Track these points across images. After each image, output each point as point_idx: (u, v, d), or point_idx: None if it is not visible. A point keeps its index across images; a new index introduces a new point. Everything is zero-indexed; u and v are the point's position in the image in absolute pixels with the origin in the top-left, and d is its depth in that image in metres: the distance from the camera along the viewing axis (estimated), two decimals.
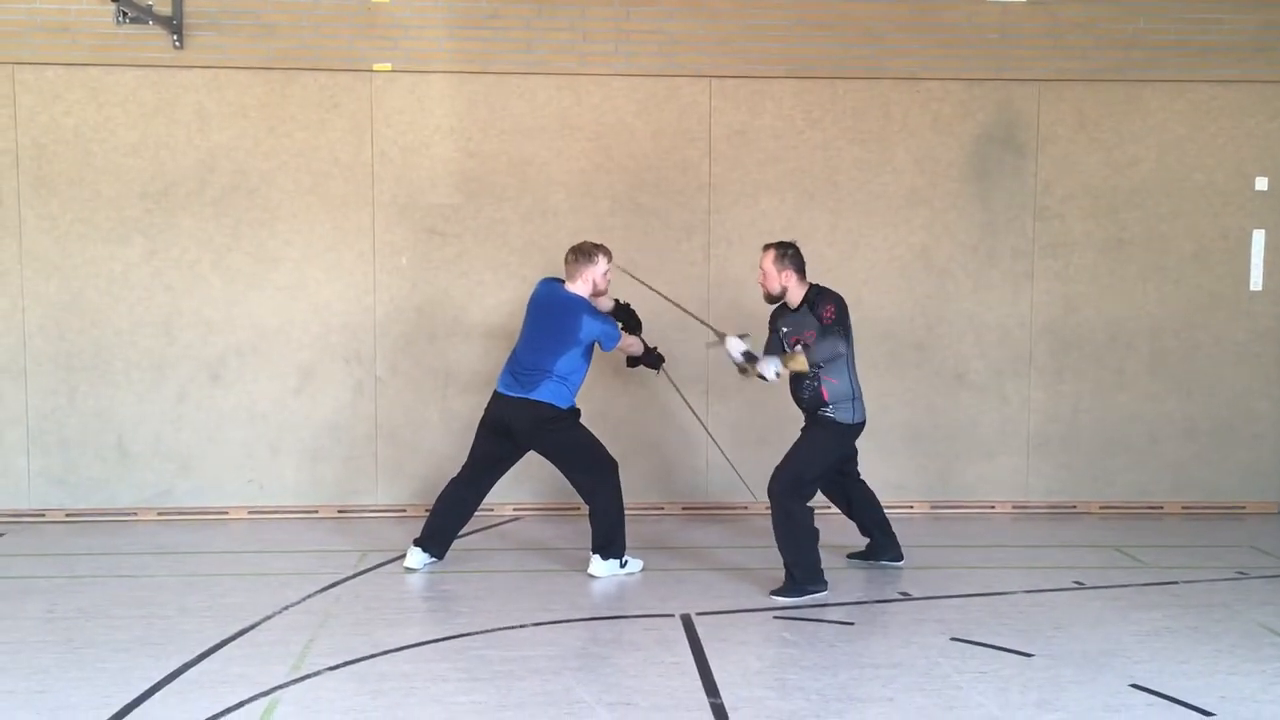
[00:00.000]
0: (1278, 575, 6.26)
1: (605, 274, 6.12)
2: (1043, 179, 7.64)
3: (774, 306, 6.06)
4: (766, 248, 5.92)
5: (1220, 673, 4.76)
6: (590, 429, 6.19)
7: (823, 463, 5.89)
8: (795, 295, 5.87)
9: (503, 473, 6.34)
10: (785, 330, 5.95)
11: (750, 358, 5.86)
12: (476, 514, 6.58)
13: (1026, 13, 7.53)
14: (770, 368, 5.73)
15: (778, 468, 5.85)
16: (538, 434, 6.03)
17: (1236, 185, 7.68)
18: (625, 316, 6.45)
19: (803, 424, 6.04)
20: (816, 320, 5.74)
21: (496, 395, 6.11)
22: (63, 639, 5.09)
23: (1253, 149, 7.67)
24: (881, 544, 6.38)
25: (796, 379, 5.87)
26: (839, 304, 5.76)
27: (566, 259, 6.12)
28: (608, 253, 6.16)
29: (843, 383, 5.82)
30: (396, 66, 7.36)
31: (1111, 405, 7.75)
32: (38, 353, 7.28)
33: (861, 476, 6.36)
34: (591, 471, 6.09)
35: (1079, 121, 7.62)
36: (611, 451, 6.96)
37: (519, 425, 6.01)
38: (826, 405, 5.82)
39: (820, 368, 5.76)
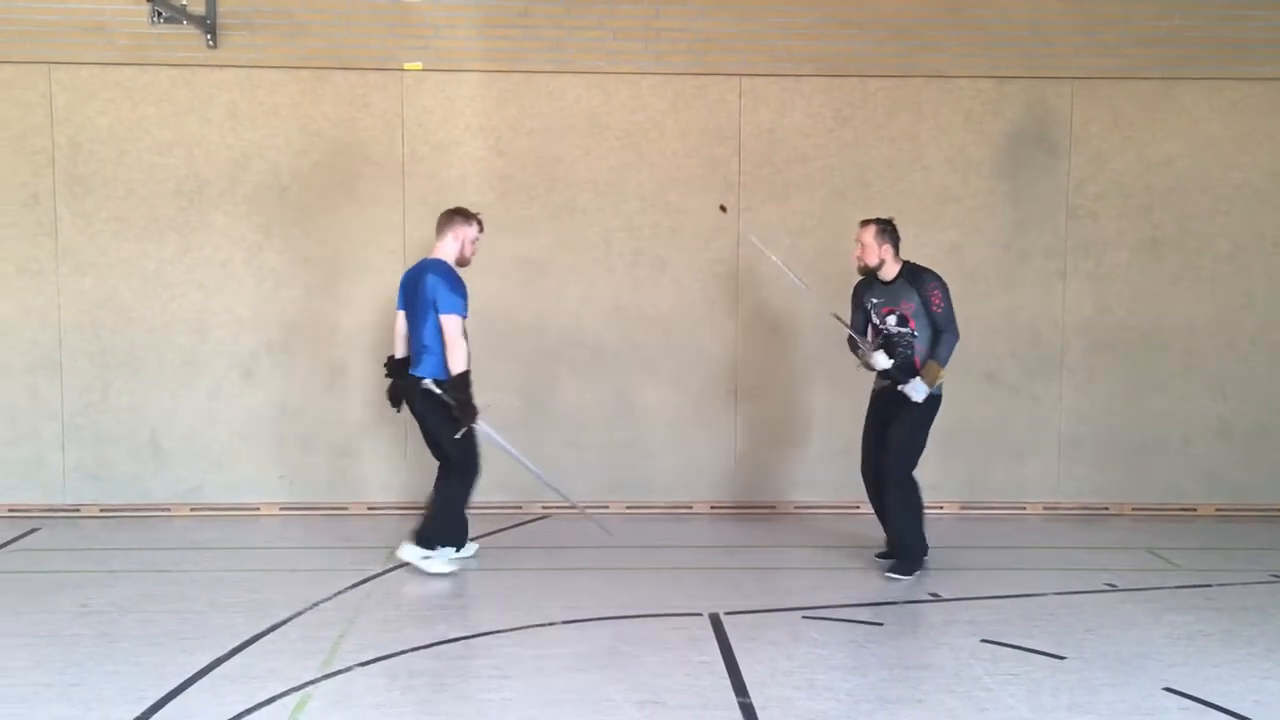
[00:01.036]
0: None
1: (474, 240, 6.08)
2: (1075, 177, 7.58)
3: (859, 280, 6.33)
4: (865, 223, 6.16)
5: (1255, 676, 4.71)
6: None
7: (924, 434, 6.19)
8: (890, 269, 6.14)
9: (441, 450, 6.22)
10: (876, 301, 6.20)
11: (886, 369, 6.14)
12: (505, 512, 6.59)
13: (1059, 9, 7.47)
14: (921, 388, 6.04)
15: (885, 454, 6.14)
16: (423, 406, 6.03)
17: (1273, 184, 7.59)
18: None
19: (873, 396, 6.29)
20: (922, 302, 6.05)
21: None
22: (97, 633, 5.14)
23: None
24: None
25: (890, 346, 6.13)
26: (945, 289, 6.08)
27: (439, 218, 6.10)
28: (481, 223, 6.13)
29: (927, 352, 6.12)
30: (427, 65, 7.39)
31: (1145, 406, 7.68)
32: (73, 349, 7.36)
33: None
34: (456, 458, 6.05)
35: (1112, 119, 7.56)
36: (639, 450, 6.96)
37: (410, 401, 6.09)
38: (916, 373, 6.08)
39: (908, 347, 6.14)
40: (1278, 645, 5.09)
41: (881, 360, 6.08)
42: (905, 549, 6.17)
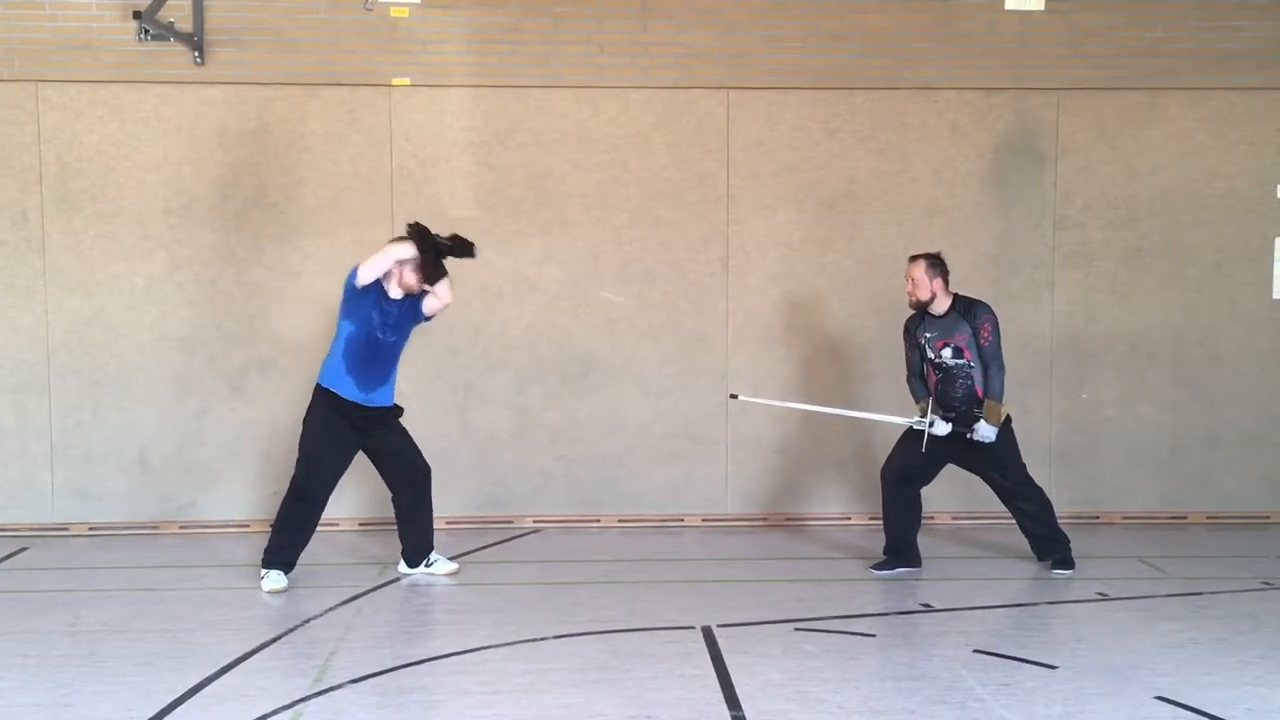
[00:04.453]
0: None
1: (414, 269, 5.93)
2: (1062, 188, 7.62)
3: (910, 315, 6.40)
4: (915, 258, 6.26)
5: (1247, 684, 4.72)
6: (318, 425, 6.03)
7: (1016, 446, 6.37)
8: (942, 303, 6.24)
9: (379, 466, 6.32)
10: (930, 336, 6.27)
11: (951, 424, 6.25)
12: (497, 527, 6.57)
13: (1045, 21, 7.51)
14: (989, 432, 6.19)
15: (1001, 477, 6.35)
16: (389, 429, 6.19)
17: (1258, 193, 7.63)
18: (419, 237, 5.96)
19: (916, 427, 6.32)
20: (973, 332, 6.17)
21: None
22: (85, 652, 5.12)
23: (1274, 156, 7.61)
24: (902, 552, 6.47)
25: (949, 380, 6.23)
26: (996, 322, 6.22)
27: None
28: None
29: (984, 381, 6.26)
30: (415, 81, 7.40)
31: (1134, 415, 7.70)
32: (61, 367, 7.33)
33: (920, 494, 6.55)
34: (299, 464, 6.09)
35: (1098, 130, 7.59)
36: (631, 463, 6.94)
37: (374, 430, 6.19)
38: (980, 404, 6.20)
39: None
40: (1269, 653, 5.10)
41: (942, 428, 6.20)
42: (1056, 544, 6.41)
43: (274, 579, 6.08)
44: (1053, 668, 4.90)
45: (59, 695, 4.60)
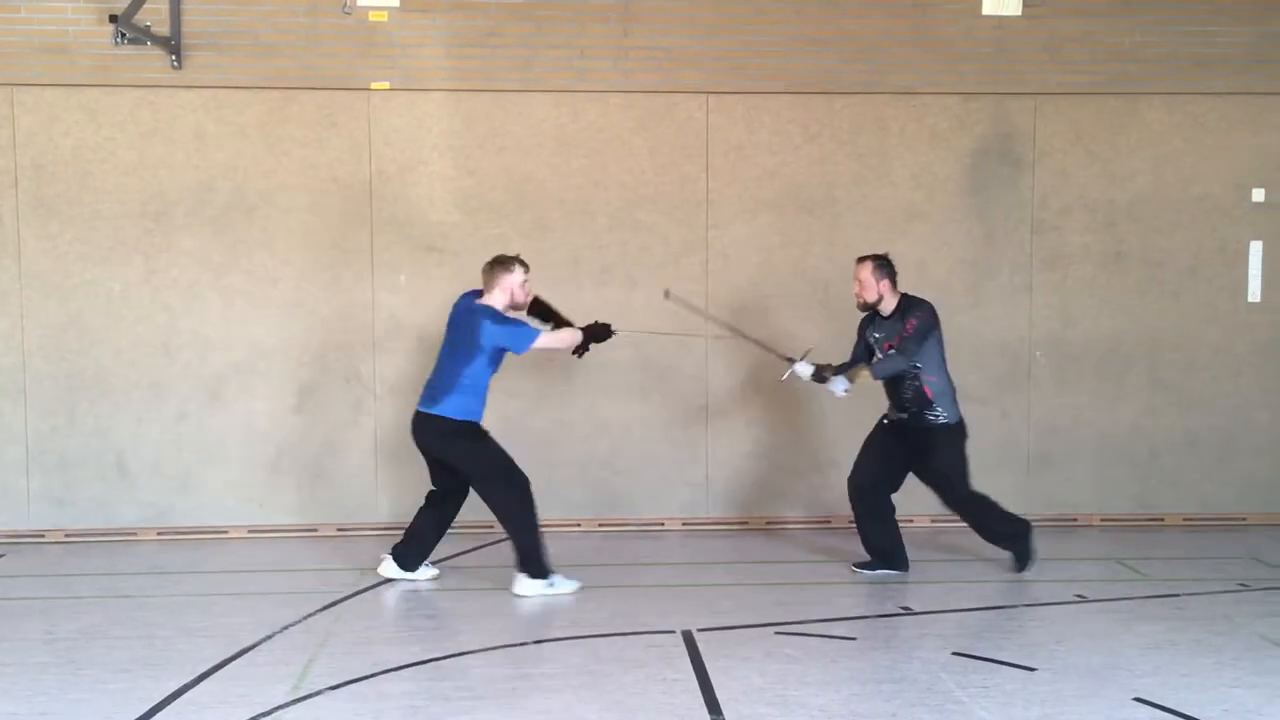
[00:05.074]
0: (1279, 587, 6.26)
1: (523, 284, 6.04)
2: (1040, 192, 7.66)
3: (863, 315, 6.41)
4: (862, 260, 6.28)
5: (1223, 685, 4.75)
6: (502, 445, 6.08)
7: (965, 460, 6.30)
8: (889, 303, 6.24)
9: (455, 484, 6.24)
10: (878, 336, 6.29)
11: (820, 378, 6.20)
12: (477, 532, 6.55)
13: (1023, 27, 7.55)
14: (839, 386, 6.17)
15: (947, 485, 6.33)
16: (447, 448, 6.04)
17: (1233, 197, 7.70)
18: (542, 312, 6.31)
19: (883, 422, 6.36)
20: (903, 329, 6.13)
21: (415, 412, 6.11)
22: (63, 660, 5.08)
23: (1249, 161, 7.68)
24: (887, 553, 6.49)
25: (898, 381, 6.20)
26: (923, 317, 6.12)
27: (483, 271, 6.08)
28: (524, 264, 6.09)
29: (940, 380, 6.20)
30: (394, 85, 7.38)
31: (1111, 418, 7.74)
32: (37, 373, 7.27)
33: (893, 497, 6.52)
34: (497, 487, 6.03)
35: (1076, 135, 7.64)
36: (612, 467, 6.93)
37: (425, 440, 6.06)
38: (931, 404, 6.17)
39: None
40: (1246, 654, 5.13)
41: (840, 387, 6.16)
42: (1011, 543, 6.38)
43: (565, 582, 6.08)
44: (1031, 670, 4.92)
45: (36, 704, 4.56)
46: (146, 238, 7.29)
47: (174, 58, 7.21)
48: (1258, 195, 7.68)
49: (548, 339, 6.05)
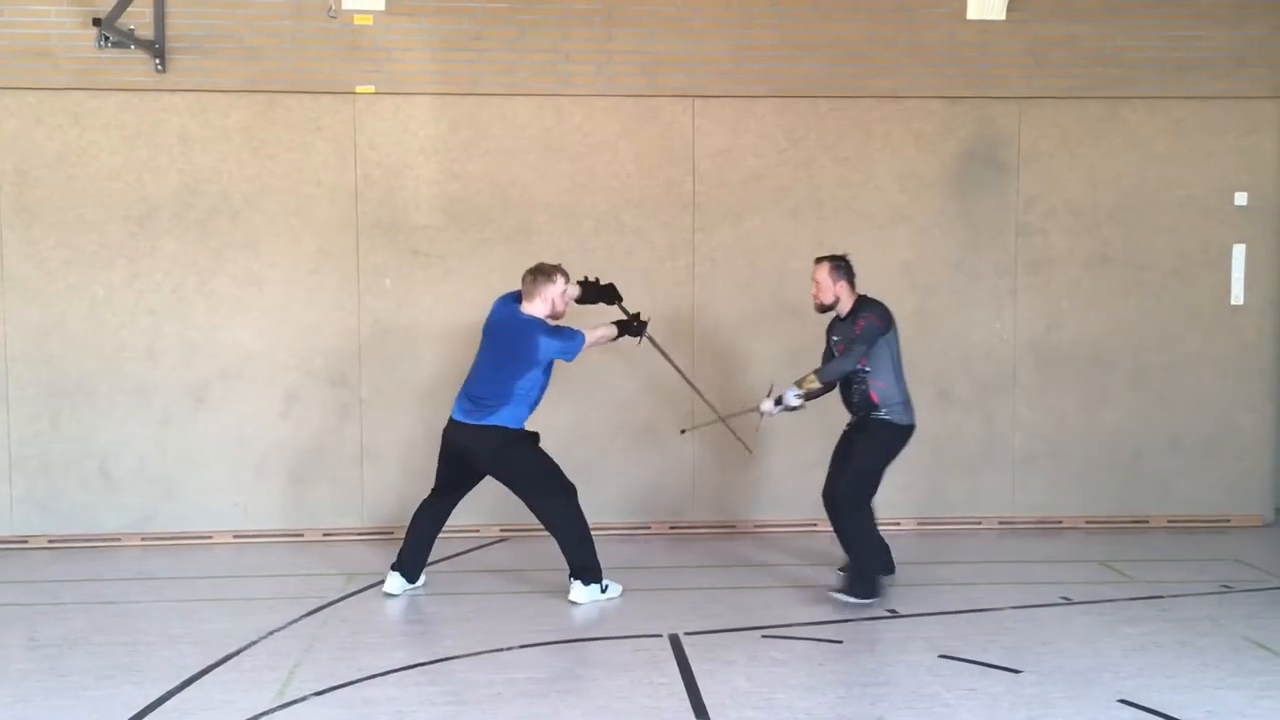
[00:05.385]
0: (1263, 589, 6.28)
1: (564, 294, 6.05)
2: (1024, 196, 7.69)
3: (829, 317, 6.30)
4: (819, 260, 6.16)
5: (1207, 687, 4.77)
6: (549, 453, 6.07)
7: (884, 462, 6.08)
8: (846, 305, 6.12)
9: (463, 495, 6.26)
10: (835, 339, 6.19)
11: (780, 402, 6.12)
12: (464, 536, 6.54)
13: (1006, 31, 7.58)
14: (791, 397, 6.06)
15: (838, 475, 6.10)
16: (498, 460, 5.94)
17: (1216, 200, 7.73)
18: (598, 294, 6.37)
19: (845, 429, 6.25)
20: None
21: (453, 422, 6.01)
22: (45, 667, 5.04)
23: (1232, 164, 7.72)
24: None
25: (847, 384, 6.08)
26: (871, 319, 5.96)
27: (524, 279, 6.05)
28: (565, 273, 6.10)
29: (890, 386, 6.01)
30: (380, 89, 7.37)
31: (1096, 420, 7.77)
32: (20, 378, 7.23)
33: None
34: (550, 497, 6.00)
35: (1060, 138, 7.67)
36: (597, 471, 6.90)
37: (479, 453, 5.94)
38: (877, 408, 6.01)
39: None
40: (1230, 655, 5.16)
41: (792, 397, 6.05)
42: (859, 565, 6.04)
43: (614, 587, 6.10)
44: (1017, 672, 4.93)
45: (18, 710, 4.53)
46: (130, 242, 7.26)
47: (158, 61, 7.19)
48: (1240, 198, 7.72)
49: (591, 336, 6.09)
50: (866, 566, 6.00)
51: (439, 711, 4.51)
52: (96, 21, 6.99)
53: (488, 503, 7.03)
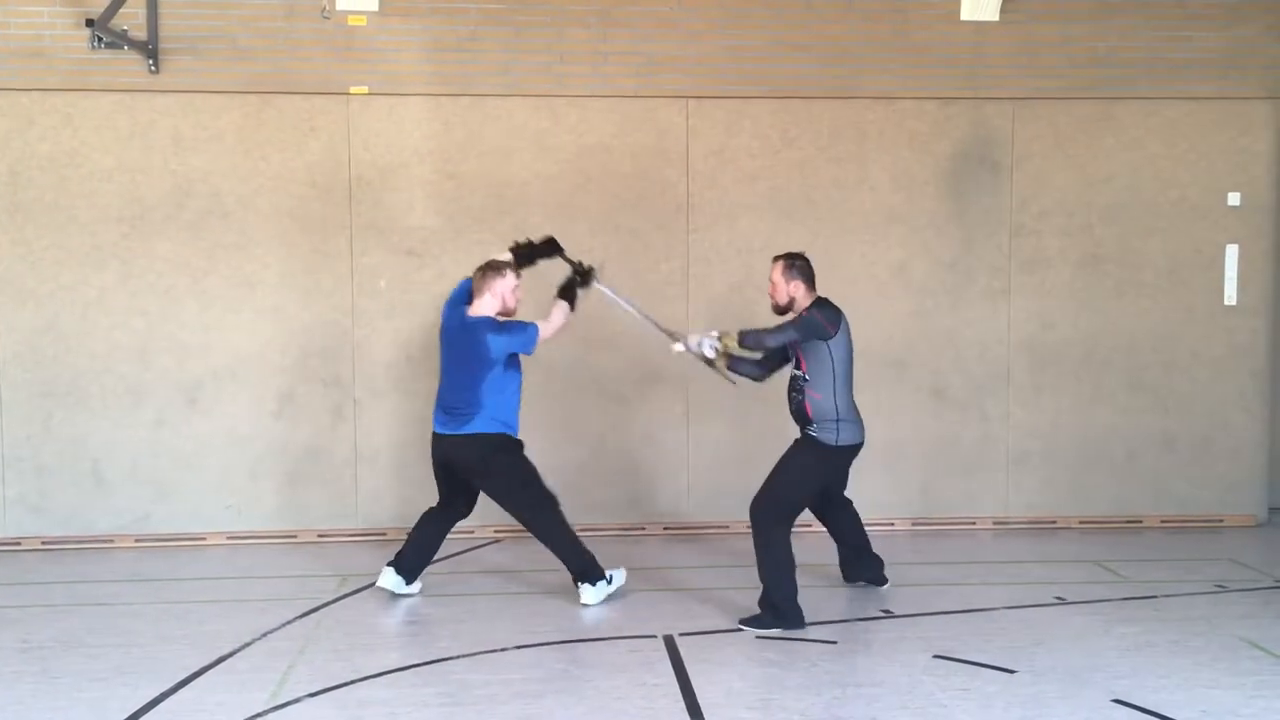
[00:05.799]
0: (1256, 588, 6.29)
1: (514, 289, 5.98)
2: (1018, 196, 7.70)
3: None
4: (776, 259, 5.86)
5: (1201, 686, 4.78)
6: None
7: (803, 485, 5.71)
8: (802, 306, 5.75)
9: (466, 505, 6.18)
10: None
11: (698, 344, 5.86)
12: (459, 537, 6.52)
13: (1000, 32, 7.59)
14: (706, 346, 5.76)
15: (760, 489, 5.75)
16: (481, 469, 5.90)
17: (1210, 201, 7.75)
18: (539, 252, 6.23)
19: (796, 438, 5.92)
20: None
21: (435, 435, 5.96)
22: (38, 669, 5.03)
23: (1225, 165, 7.74)
24: (859, 562, 6.25)
25: (790, 387, 5.79)
26: (813, 314, 5.61)
27: (474, 275, 6.00)
28: (517, 269, 6.03)
29: (827, 400, 5.61)
30: (373, 89, 7.36)
31: (1090, 420, 7.78)
32: (12, 379, 7.21)
33: (849, 497, 6.21)
34: (535, 511, 5.97)
35: (1053, 139, 7.68)
36: (592, 472, 6.87)
37: (463, 463, 5.90)
38: (810, 423, 5.67)
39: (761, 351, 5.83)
40: (1223, 655, 5.16)
41: (708, 344, 5.75)
42: (764, 599, 5.61)
43: (618, 575, 6.10)
44: (1011, 672, 4.93)
45: (11, 713, 4.52)
46: (123, 242, 7.24)
47: (151, 62, 7.18)
48: (1233, 199, 7.74)
49: (546, 328, 5.99)
50: (773, 594, 5.57)
51: (434, 713, 4.50)
52: (89, 22, 7.00)
53: (482, 503, 7.01)
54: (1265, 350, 7.83)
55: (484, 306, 5.92)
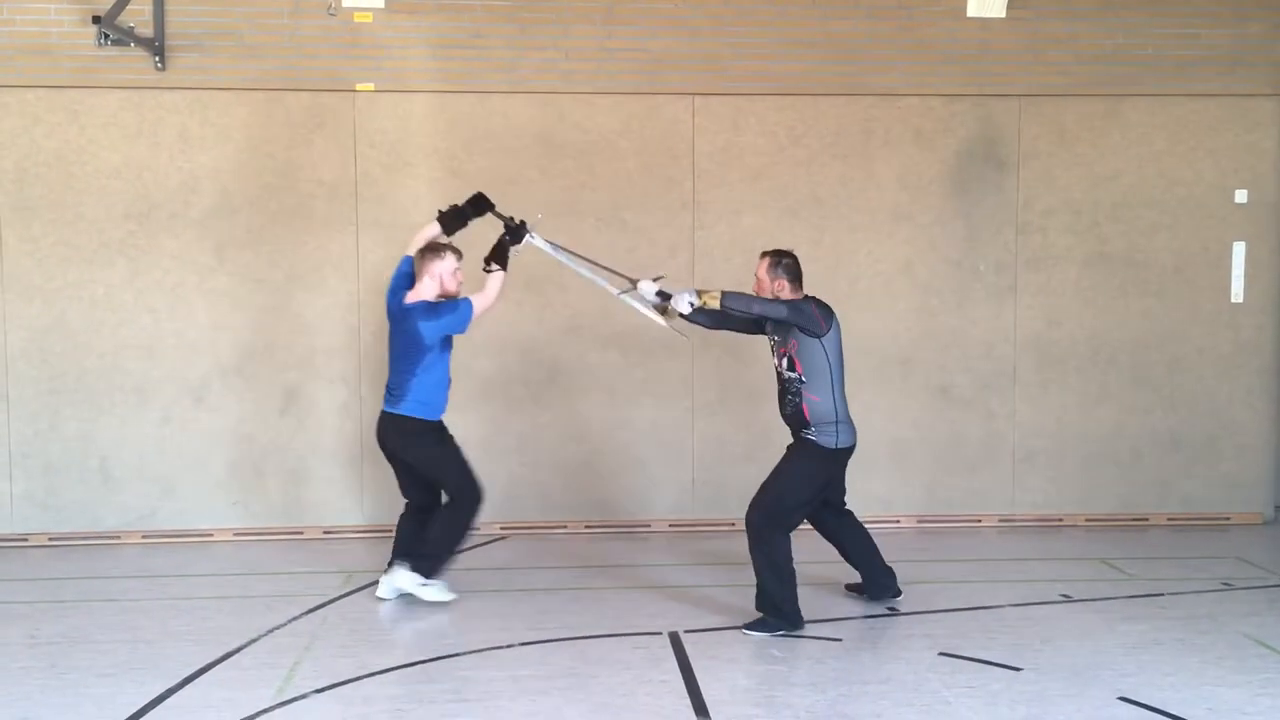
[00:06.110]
0: (1263, 586, 6.29)
1: (454, 272, 5.94)
2: (1024, 194, 7.69)
3: None
4: (763, 255, 5.75)
5: (1207, 684, 4.78)
6: (461, 448, 6.02)
7: (803, 490, 5.59)
8: None
9: (430, 489, 6.14)
10: (774, 340, 5.72)
11: (665, 296, 5.79)
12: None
13: (1006, 28, 7.57)
14: (684, 302, 5.62)
15: (757, 493, 5.62)
16: (406, 446, 5.96)
17: (1216, 198, 7.73)
18: (469, 212, 6.17)
19: (789, 443, 5.79)
20: (800, 340, 5.54)
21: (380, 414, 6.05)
22: (46, 665, 5.05)
23: (1232, 162, 7.72)
24: (878, 581, 5.97)
25: (783, 391, 5.66)
26: (799, 304, 5.52)
27: (415, 258, 5.99)
28: (458, 252, 6.01)
29: (825, 403, 5.51)
30: (379, 86, 7.37)
31: (1096, 418, 7.77)
32: (20, 376, 7.23)
33: (848, 507, 6.03)
34: (455, 489, 5.97)
35: (1059, 136, 7.67)
36: (596, 470, 6.88)
37: (389, 441, 5.97)
38: (808, 426, 5.56)
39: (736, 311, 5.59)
40: (1229, 653, 5.16)
41: (685, 300, 5.60)
42: (763, 603, 5.53)
43: (441, 591, 5.99)
44: (1017, 669, 4.93)
45: (19, 709, 4.53)
46: (130, 240, 7.26)
47: (158, 59, 7.18)
48: (1240, 196, 7.72)
49: (481, 301, 5.93)
50: (773, 600, 5.48)
51: (439, 709, 4.51)
52: (96, 19, 7.00)
53: (488, 501, 7.03)
54: (1272, 348, 7.82)
55: (423, 290, 5.91)
